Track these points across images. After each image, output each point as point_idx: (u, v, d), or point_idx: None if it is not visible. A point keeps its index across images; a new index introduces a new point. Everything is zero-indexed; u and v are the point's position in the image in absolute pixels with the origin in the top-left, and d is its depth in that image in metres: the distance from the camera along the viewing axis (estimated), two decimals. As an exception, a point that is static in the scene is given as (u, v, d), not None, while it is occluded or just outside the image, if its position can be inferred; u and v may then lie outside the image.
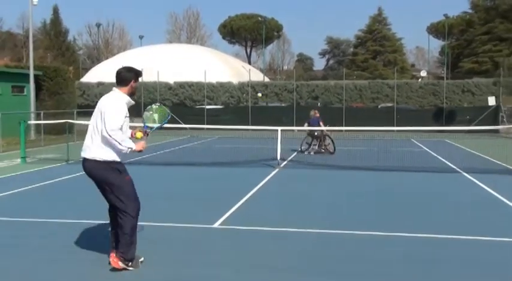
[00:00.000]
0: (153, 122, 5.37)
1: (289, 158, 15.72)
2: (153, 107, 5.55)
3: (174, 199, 9.40)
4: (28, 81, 23.85)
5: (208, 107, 34.01)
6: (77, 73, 48.13)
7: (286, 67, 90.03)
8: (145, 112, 5.49)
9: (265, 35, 71.75)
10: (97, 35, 75.16)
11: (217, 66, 48.61)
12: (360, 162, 14.55)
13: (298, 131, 21.83)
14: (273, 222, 7.45)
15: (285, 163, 14.49)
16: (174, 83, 39.00)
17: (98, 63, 60.78)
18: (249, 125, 27.61)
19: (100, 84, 42.61)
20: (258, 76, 51.54)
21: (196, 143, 22.05)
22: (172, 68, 42.74)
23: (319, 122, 17.13)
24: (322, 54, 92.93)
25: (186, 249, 6.20)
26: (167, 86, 38.26)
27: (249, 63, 73.13)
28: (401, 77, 56.04)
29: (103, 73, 46.45)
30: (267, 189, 10.50)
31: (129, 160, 12.07)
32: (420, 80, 45.56)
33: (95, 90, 42.45)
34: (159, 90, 36.28)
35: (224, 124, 24.15)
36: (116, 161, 4.97)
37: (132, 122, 6.62)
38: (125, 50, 70.55)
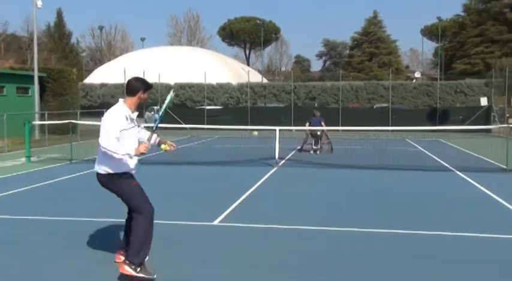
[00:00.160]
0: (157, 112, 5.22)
1: (287, 157, 15.70)
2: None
3: (174, 197, 9.38)
4: (33, 83, 23.81)
5: (208, 107, 33.96)
6: (80, 75, 48.08)
7: (284, 68, 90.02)
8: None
9: (264, 38, 71.79)
10: (100, 37, 75.14)
11: (217, 68, 48.60)
12: (357, 161, 14.53)
13: (296, 131, 21.83)
14: (271, 219, 7.44)
15: (283, 161, 14.48)
16: (175, 84, 38.97)
17: (101, 65, 60.76)
18: (248, 125, 27.57)
19: (103, 85, 42.60)
20: (256, 77, 51.55)
21: (196, 142, 22.02)
22: (173, 70, 42.74)
23: (321, 122, 17.21)
24: (319, 56, 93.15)
25: (186, 246, 6.18)
26: (168, 87, 38.23)
27: (248, 65, 73.14)
28: (396, 78, 56.08)
29: (106, 75, 46.45)
30: (266, 187, 10.48)
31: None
32: (414, 81, 45.57)
33: (97, 91, 42.44)
34: (160, 92, 36.27)
35: (224, 124, 24.10)
36: (119, 172, 4.90)
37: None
38: (127, 52, 70.54)
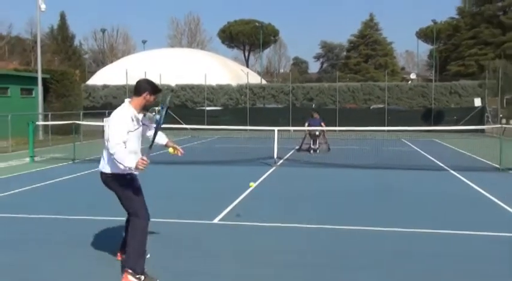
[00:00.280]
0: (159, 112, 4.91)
1: (286, 156, 15.71)
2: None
3: (174, 196, 9.38)
4: (36, 84, 23.78)
5: (208, 108, 33.94)
6: (83, 76, 47.98)
7: (283, 70, 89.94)
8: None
9: (263, 40, 71.78)
10: (102, 39, 75.05)
11: (217, 69, 48.54)
12: (353, 161, 14.53)
13: (294, 131, 21.83)
14: (270, 218, 7.43)
15: (281, 161, 14.48)
16: (176, 85, 38.96)
17: (103, 67, 60.65)
18: (247, 125, 27.55)
19: (105, 87, 42.52)
20: (255, 79, 51.51)
21: (196, 142, 22.01)
22: (174, 72, 42.68)
23: (321, 123, 17.34)
24: (317, 58, 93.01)
25: (186, 243, 6.18)
26: (169, 88, 38.20)
27: (247, 67, 73.05)
28: (392, 79, 56.00)
29: (108, 76, 46.38)
30: (265, 186, 10.47)
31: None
32: (410, 82, 45.59)
33: (100, 92, 42.35)
34: (161, 93, 36.25)
35: (223, 125, 24.09)
36: (123, 173, 4.76)
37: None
38: (128, 54, 70.38)
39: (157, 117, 4.88)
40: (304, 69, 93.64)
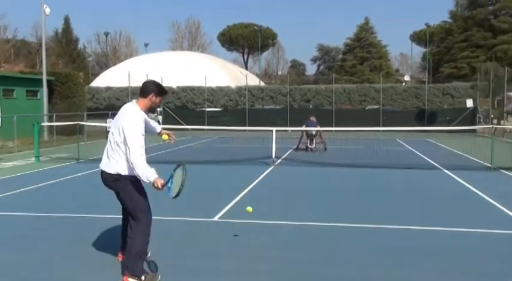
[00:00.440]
0: (175, 185, 4.54)
1: (284, 156, 15.71)
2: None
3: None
4: (41, 86, 23.78)
5: (208, 109, 33.92)
6: (86, 78, 48.00)
7: (281, 72, 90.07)
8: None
9: (261, 43, 71.80)
10: (105, 43, 75.08)
11: (216, 71, 48.55)
12: (349, 160, 14.55)
13: (292, 131, 21.85)
14: (269, 215, 7.43)
15: (279, 160, 14.48)
16: (177, 87, 38.96)
17: (106, 69, 60.60)
18: (246, 126, 27.55)
19: (108, 88, 42.51)
20: (254, 81, 51.53)
21: (197, 142, 22.00)
22: (175, 74, 42.70)
23: (317, 126, 17.47)
24: (314, 61, 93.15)
25: (187, 240, 6.18)
26: (171, 90, 38.15)
27: (246, 69, 73.11)
28: (387, 81, 56.00)
29: (111, 78, 46.36)
30: (263, 185, 10.47)
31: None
32: (404, 84, 45.62)
33: (103, 94, 42.34)
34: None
35: (223, 125, 24.12)
36: (129, 175, 4.57)
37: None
38: (131, 56, 70.36)
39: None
40: (301, 72, 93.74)
